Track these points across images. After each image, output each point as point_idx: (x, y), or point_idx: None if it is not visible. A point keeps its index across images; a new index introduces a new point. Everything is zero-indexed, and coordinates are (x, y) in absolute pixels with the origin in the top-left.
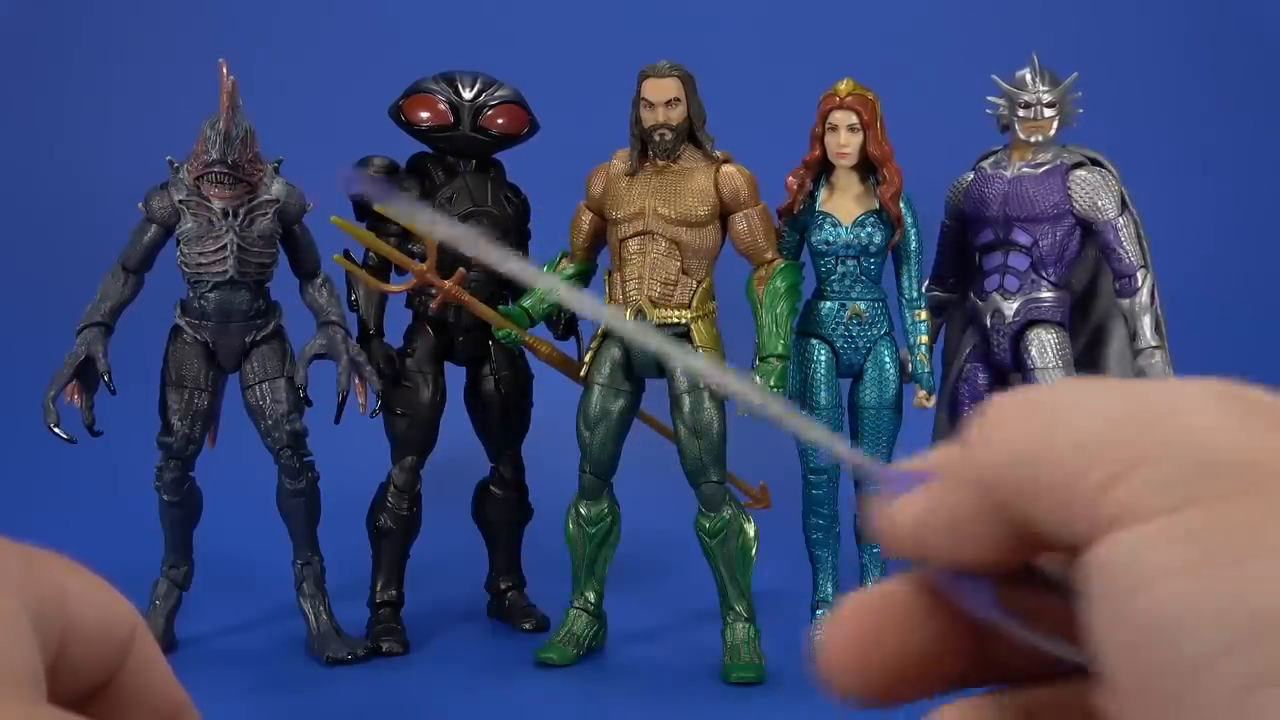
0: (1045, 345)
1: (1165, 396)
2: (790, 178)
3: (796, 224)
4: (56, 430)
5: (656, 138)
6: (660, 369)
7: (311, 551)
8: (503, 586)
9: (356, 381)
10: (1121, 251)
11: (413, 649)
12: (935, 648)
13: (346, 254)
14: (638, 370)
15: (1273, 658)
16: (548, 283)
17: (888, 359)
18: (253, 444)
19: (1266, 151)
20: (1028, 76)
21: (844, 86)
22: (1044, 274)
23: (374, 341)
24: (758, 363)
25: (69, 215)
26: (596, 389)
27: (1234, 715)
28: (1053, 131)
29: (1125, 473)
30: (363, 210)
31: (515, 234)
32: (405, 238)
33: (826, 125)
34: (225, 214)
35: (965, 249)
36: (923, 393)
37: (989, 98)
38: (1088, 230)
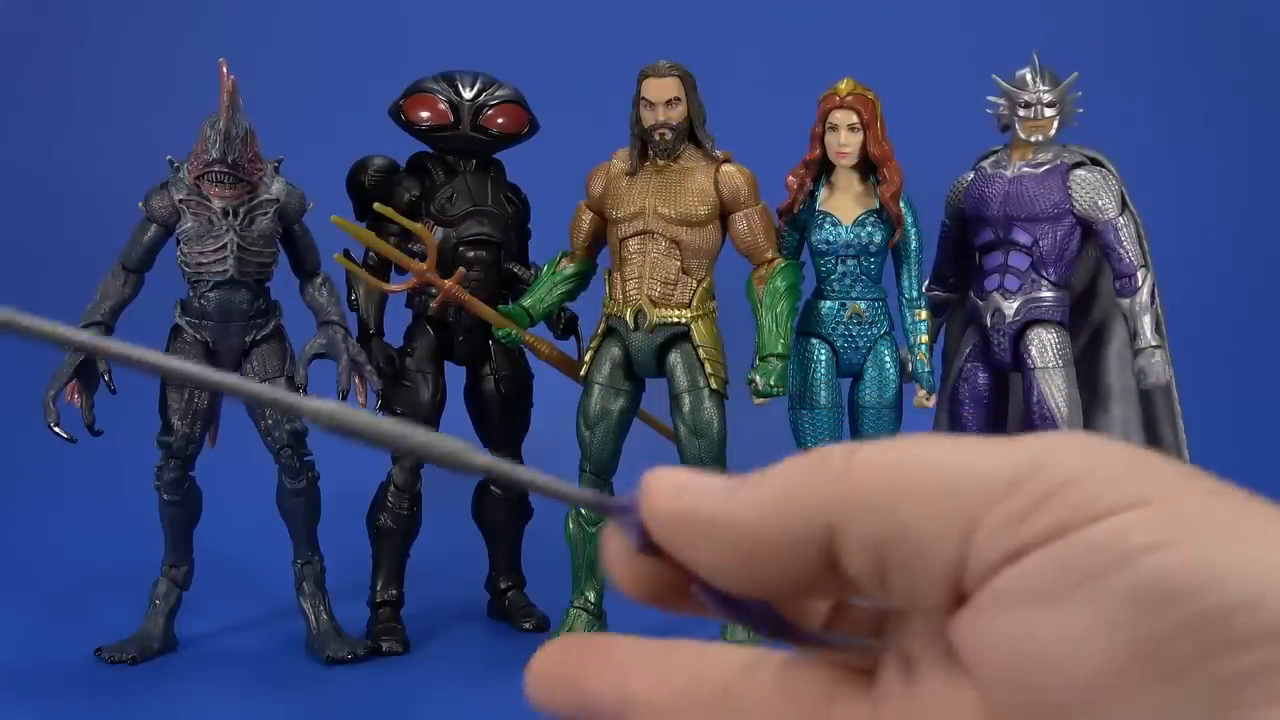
0: (1045, 345)
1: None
2: (790, 177)
3: (797, 223)
4: (56, 430)
5: (656, 137)
6: (660, 368)
7: (311, 551)
8: (503, 586)
9: (356, 381)
10: (1122, 251)
11: (413, 649)
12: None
13: (346, 253)
14: (637, 370)
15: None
16: None
17: (888, 358)
18: (253, 444)
19: (1266, 151)
20: (1028, 76)
21: (844, 86)
22: (1044, 273)
23: (374, 341)
24: (758, 362)
25: (69, 215)
26: (596, 388)
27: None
28: (1053, 131)
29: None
30: (363, 210)
31: (515, 234)
32: (405, 237)
33: (826, 125)
34: (225, 213)
35: (965, 249)
36: (923, 392)
37: (989, 98)
38: (1088, 230)
